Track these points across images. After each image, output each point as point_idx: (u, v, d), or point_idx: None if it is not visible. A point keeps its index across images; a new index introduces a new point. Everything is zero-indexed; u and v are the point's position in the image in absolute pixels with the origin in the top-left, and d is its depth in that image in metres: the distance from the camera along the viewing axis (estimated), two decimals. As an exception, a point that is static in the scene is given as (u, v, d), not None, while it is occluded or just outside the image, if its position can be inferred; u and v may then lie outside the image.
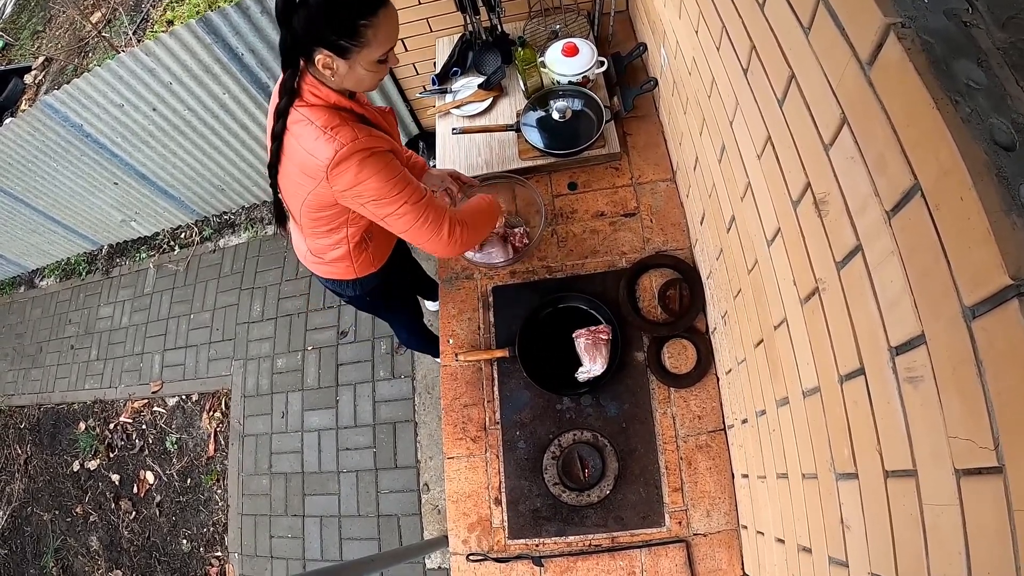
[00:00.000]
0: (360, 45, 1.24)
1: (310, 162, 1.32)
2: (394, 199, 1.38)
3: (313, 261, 1.76)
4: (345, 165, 1.30)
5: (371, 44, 1.25)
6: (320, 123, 1.30)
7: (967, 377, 0.53)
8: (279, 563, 2.96)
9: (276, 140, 1.36)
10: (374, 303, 2.01)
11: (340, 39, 1.22)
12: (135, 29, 5.23)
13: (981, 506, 0.54)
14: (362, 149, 1.30)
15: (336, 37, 1.22)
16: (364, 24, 1.21)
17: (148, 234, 4.23)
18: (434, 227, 1.46)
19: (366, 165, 1.32)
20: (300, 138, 1.32)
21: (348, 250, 1.65)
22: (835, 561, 0.90)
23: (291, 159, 1.37)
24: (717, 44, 1.15)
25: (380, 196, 1.37)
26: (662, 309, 1.74)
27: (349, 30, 1.21)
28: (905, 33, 0.55)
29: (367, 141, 1.31)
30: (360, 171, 1.32)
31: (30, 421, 4.10)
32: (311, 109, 1.31)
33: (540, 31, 2.22)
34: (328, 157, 1.29)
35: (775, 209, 0.98)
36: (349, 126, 1.31)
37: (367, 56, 1.26)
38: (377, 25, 1.23)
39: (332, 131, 1.29)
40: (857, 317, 0.74)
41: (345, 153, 1.29)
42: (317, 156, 1.30)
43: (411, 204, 1.41)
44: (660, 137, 1.99)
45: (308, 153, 1.32)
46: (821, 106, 0.74)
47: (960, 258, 0.53)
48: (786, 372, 1.05)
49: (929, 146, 0.54)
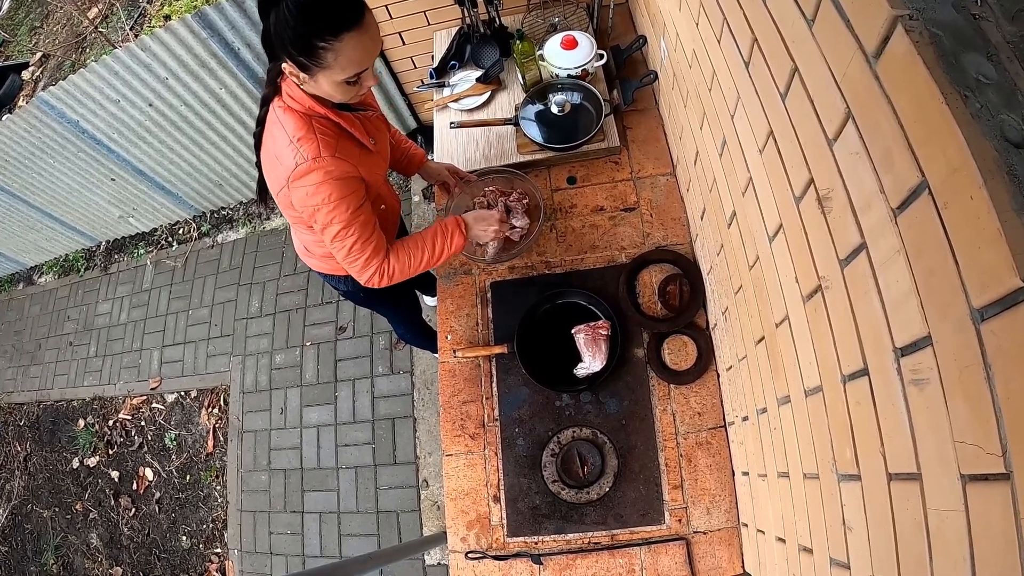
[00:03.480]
0: (319, 67, 1.16)
1: (279, 168, 1.30)
2: (336, 233, 1.37)
3: (305, 254, 1.77)
4: (302, 181, 1.27)
5: (332, 67, 1.17)
6: (289, 130, 1.26)
7: (975, 381, 0.52)
8: (278, 559, 2.95)
9: (259, 124, 1.35)
10: (368, 298, 2.00)
11: (298, 55, 1.15)
12: (132, 24, 5.20)
13: (988, 513, 0.53)
14: (321, 168, 1.26)
15: (294, 52, 1.15)
16: (322, 46, 1.13)
17: (146, 230, 4.21)
18: (360, 270, 1.47)
19: (321, 189, 1.28)
20: (272, 139, 1.30)
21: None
22: (836, 562, 0.89)
23: (266, 152, 1.35)
24: (718, 36, 1.14)
25: (326, 222, 1.35)
26: (662, 305, 1.73)
27: (307, 50, 1.14)
28: (913, 25, 0.54)
29: (329, 162, 1.27)
30: (315, 192, 1.29)
31: (29, 418, 4.09)
32: (284, 112, 1.28)
33: (539, 24, 2.19)
34: (289, 168, 1.26)
35: (777, 205, 0.97)
36: (315, 140, 1.26)
37: (329, 77, 1.19)
38: (339, 50, 1.14)
39: (298, 142, 1.25)
40: (861, 316, 0.73)
41: (304, 169, 1.25)
42: (283, 164, 1.28)
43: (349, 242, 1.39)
44: (660, 131, 1.97)
45: (276, 157, 1.30)
46: (825, 100, 0.73)
47: (969, 258, 0.51)
48: (788, 370, 1.03)
49: (937, 142, 0.52)
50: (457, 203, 1.93)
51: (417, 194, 3.41)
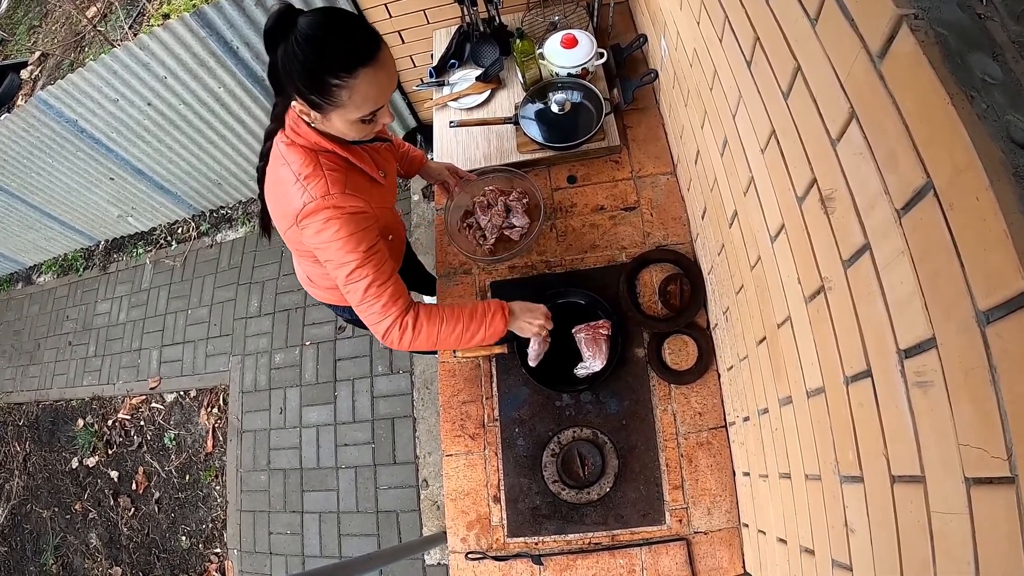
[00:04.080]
0: (332, 105, 1.10)
1: (284, 206, 1.24)
2: (349, 273, 1.26)
3: (308, 284, 1.73)
4: (311, 219, 1.21)
5: (346, 106, 1.10)
6: (295, 168, 1.20)
7: (980, 384, 0.52)
8: (278, 559, 2.95)
9: (263, 159, 1.29)
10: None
11: (309, 93, 1.08)
12: (131, 23, 5.18)
13: (992, 516, 0.52)
14: (331, 207, 1.20)
15: (306, 90, 1.08)
16: (336, 84, 1.06)
17: (145, 229, 4.21)
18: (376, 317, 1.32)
19: (330, 225, 1.21)
20: (277, 177, 1.24)
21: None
22: (838, 564, 0.89)
23: (271, 189, 1.29)
24: (719, 35, 1.13)
25: (338, 262, 1.26)
26: (663, 304, 1.72)
27: (320, 89, 1.07)
28: (918, 25, 0.53)
29: (340, 199, 1.20)
30: (323, 230, 1.22)
31: (28, 418, 4.09)
32: (289, 148, 1.21)
33: (538, 22, 2.19)
34: (297, 209, 1.20)
35: (779, 205, 0.96)
36: (324, 178, 1.19)
37: (343, 116, 1.12)
38: (353, 87, 1.07)
39: (304, 180, 1.19)
40: (864, 318, 0.72)
41: (312, 208, 1.19)
42: (290, 203, 1.22)
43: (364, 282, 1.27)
44: (660, 130, 1.97)
45: (284, 197, 1.23)
46: (828, 100, 0.72)
47: (975, 260, 0.50)
48: (789, 371, 1.03)
49: (943, 143, 0.52)
50: (457, 202, 1.92)
51: (416, 193, 3.40)
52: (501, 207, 1.88)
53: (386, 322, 1.32)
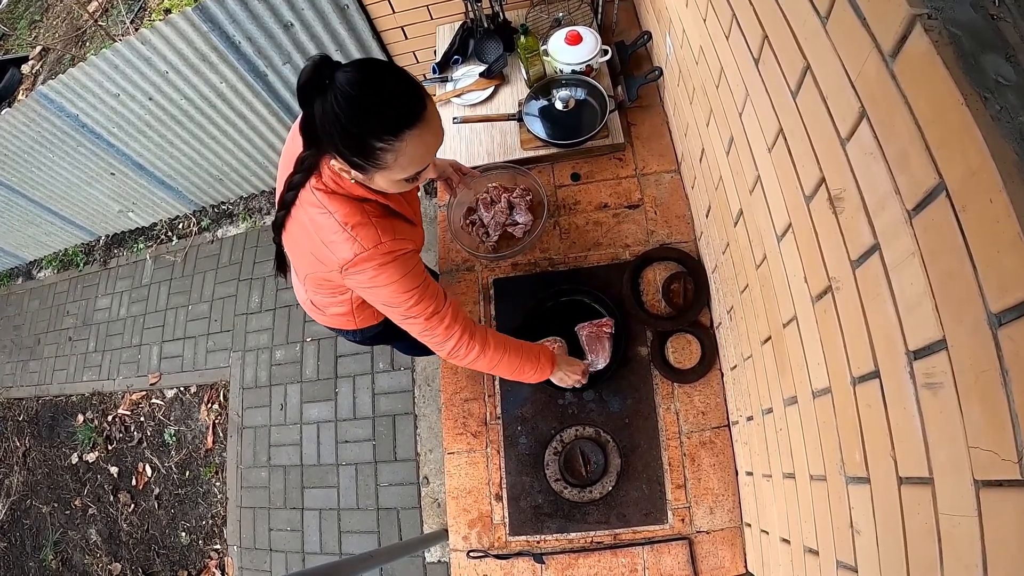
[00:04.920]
0: (376, 167, 1.06)
1: (325, 253, 1.19)
2: (409, 308, 1.26)
3: (314, 311, 1.71)
4: (364, 267, 1.18)
5: (391, 167, 1.06)
6: (339, 217, 1.15)
7: (991, 386, 0.51)
8: (278, 556, 2.96)
9: (284, 208, 1.23)
10: (376, 342, 1.96)
11: (352, 155, 1.04)
12: (132, 18, 5.17)
13: (1002, 520, 0.52)
14: (385, 253, 1.17)
15: (349, 153, 1.03)
16: (381, 147, 1.02)
17: (146, 225, 4.20)
18: (441, 339, 1.34)
19: (385, 270, 1.19)
20: (318, 227, 1.18)
21: (351, 308, 1.59)
22: (843, 565, 0.88)
23: (304, 238, 1.23)
24: (726, 33, 1.12)
25: (394, 302, 1.25)
26: (666, 303, 1.72)
27: (363, 151, 1.02)
28: (932, 25, 0.53)
29: (391, 245, 1.18)
30: (377, 275, 1.19)
31: (28, 413, 4.09)
32: (329, 198, 1.15)
33: (543, 19, 2.18)
34: (346, 259, 1.16)
35: (786, 204, 0.96)
36: (373, 226, 1.16)
37: (387, 176, 1.09)
38: (399, 150, 1.03)
39: (353, 230, 1.14)
40: (873, 318, 0.72)
41: (365, 257, 1.16)
42: (334, 252, 1.17)
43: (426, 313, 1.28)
44: (665, 128, 1.96)
45: (324, 244, 1.18)
46: (838, 99, 0.72)
47: (987, 262, 0.50)
48: (795, 371, 1.03)
49: (956, 144, 0.51)
50: (460, 199, 1.92)
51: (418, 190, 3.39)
52: (504, 204, 1.88)
53: (450, 343, 1.34)
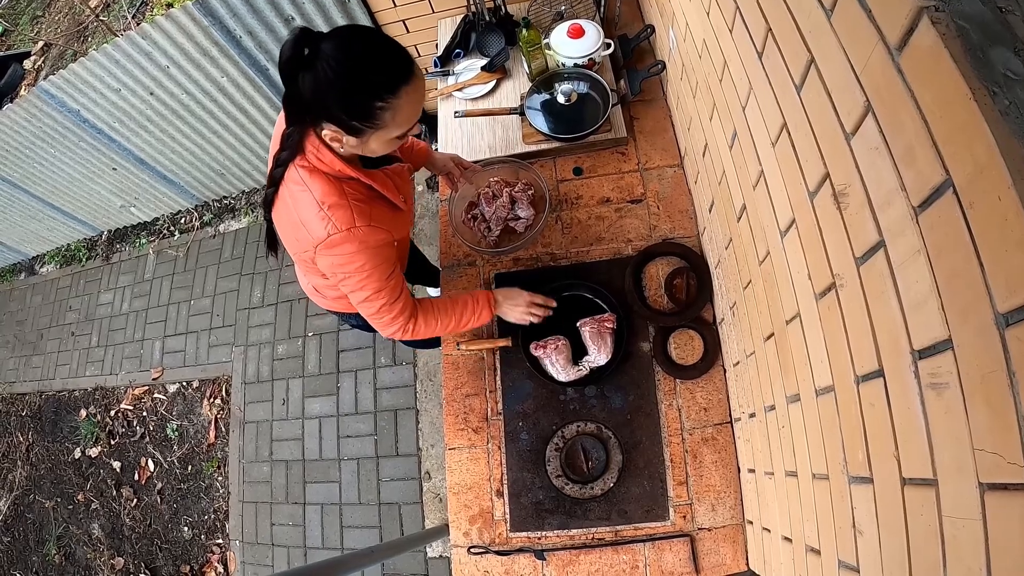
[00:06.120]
0: (375, 127, 1.09)
1: (302, 231, 1.22)
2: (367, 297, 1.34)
3: (314, 294, 1.73)
4: (335, 250, 1.21)
5: (388, 125, 1.10)
6: (317, 195, 1.17)
7: (997, 388, 0.50)
8: (280, 550, 2.96)
9: (273, 184, 1.24)
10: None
11: (350, 119, 1.07)
12: (134, 13, 5.15)
13: (1007, 523, 0.51)
14: (356, 240, 1.20)
15: (346, 117, 1.07)
16: (380, 106, 1.06)
17: (148, 219, 4.20)
18: (384, 325, 1.44)
19: (356, 259, 1.24)
20: (296, 203, 1.21)
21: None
22: (845, 565, 0.88)
23: (285, 214, 1.26)
24: (730, 26, 1.11)
25: (356, 287, 1.31)
26: (669, 298, 1.71)
27: (361, 112, 1.06)
28: (939, 17, 0.51)
29: (366, 232, 1.21)
30: (348, 262, 1.24)
31: (31, 408, 4.10)
32: (311, 175, 1.18)
33: (545, 12, 2.16)
34: (319, 237, 1.19)
35: (790, 199, 0.94)
36: (349, 208, 1.18)
37: (382, 136, 1.12)
38: (397, 107, 1.07)
39: (329, 210, 1.17)
40: (877, 316, 0.71)
41: (337, 239, 1.19)
42: (309, 231, 1.20)
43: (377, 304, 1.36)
44: (668, 122, 1.95)
45: (301, 222, 1.21)
46: (843, 93, 0.70)
47: (995, 261, 0.49)
48: (798, 368, 1.02)
49: (964, 140, 0.50)
50: (461, 193, 1.91)
51: (420, 184, 3.39)
52: (506, 198, 1.87)
53: (393, 327, 1.44)
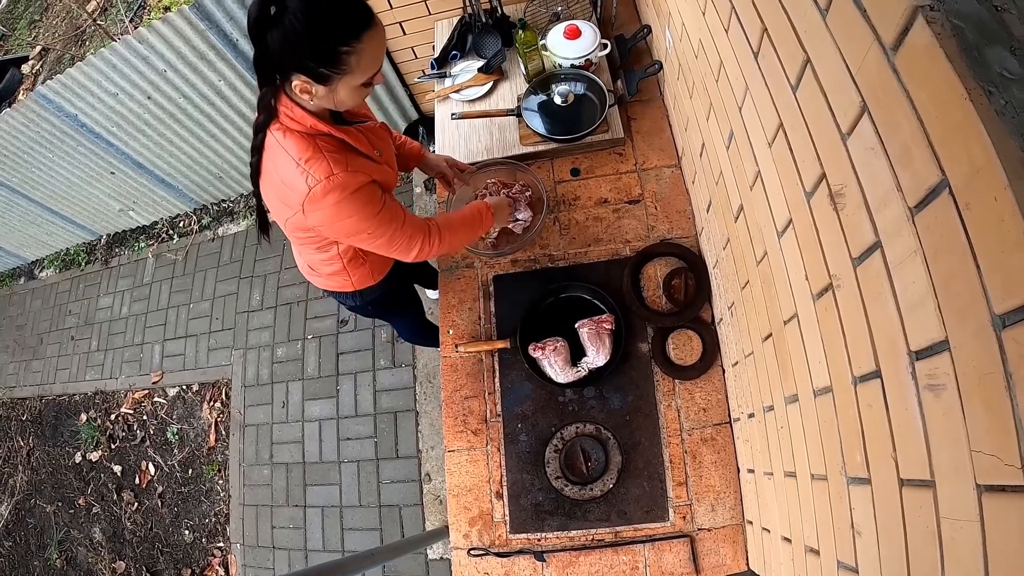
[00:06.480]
0: (341, 72, 1.14)
1: (286, 192, 1.27)
2: (370, 234, 1.36)
3: (311, 273, 1.74)
4: (321, 204, 1.24)
5: (354, 71, 1.15)
6: (293, 153, 1.22)
7: (994, 389, 0.50)
8: (281, 553, 2.96)
9: (255, 153, 1.29)
10: (377, 311, 1.99)
11: (319, 66, 1.13)
12: (132, 16, 5.16)
13: (1004, 525, 0.51)
14: (337, 187, 1.23)
15: (315, 64, 1.12)
16: (346, 51, 1.11)
17: (147, 223, 4.20)
18: (405, 248, 1.46)
19: (343, 207, 1.26)
20: (276, 166, 1.26)
21: (343, 266, 1.62)
22: (844, 566, 0.87)
23: (269, 181, 1.31)
24: (726, 26, 1.11)
25: (355, 232, 1.34)
26: (667, 299, 1.71)
27: (329, 58, 1.12)
28: (934, 17, 0.51)
29: (343, 178, 1.24)
30: (337, 212, 1.27)
31: (32, 413, 4.10)
32: (286, 135, 1.23)
33: (541, 13, 2.16)
34: (302, 192, 1.23)
35: (787, 200, 0.94)
36: (324, 159, 1.22)
37: (349, 82, 1.17)
38: (361, 51, 1.13)
39: (306, 164, 1.22)
40: (874, 317, 0.70)
41: (319, 191, 1.22)
42: (292, 189, 1.24)
43: (387, 236, 1.39)
44: (665, 122, 1.94)
45: (283, 183, 1.26)
46: (839, 93, 0.70)
47: (992, 262, 0.49)
48: (796, 369, 1.01)
49: (960, 140, 0.50)
50: (459, 195, 1.90)
51: (419, 186, 3.38)
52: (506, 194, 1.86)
53: (415, 249, 1.48)
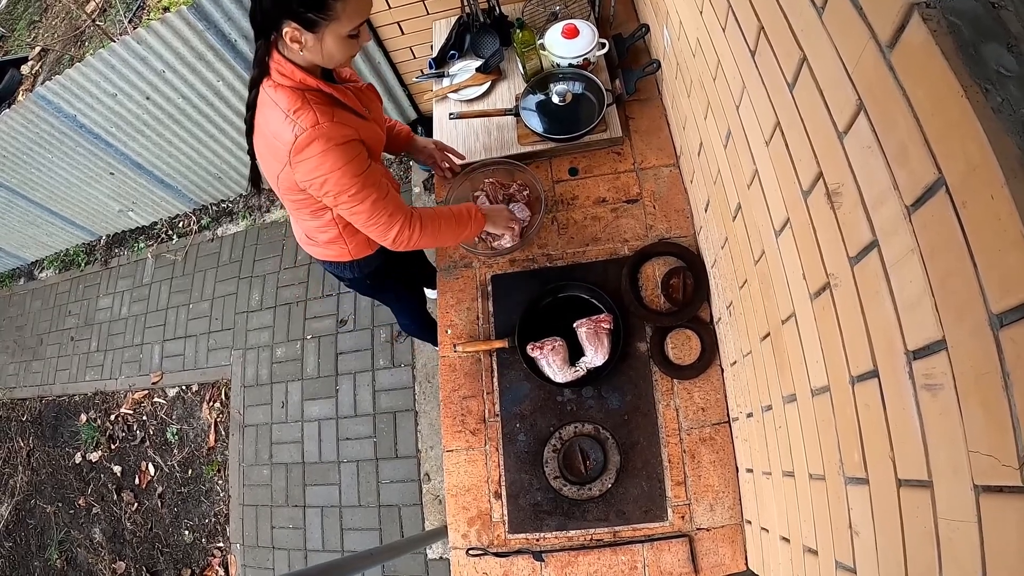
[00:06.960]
0: (328, 19, 1.20)
1: (275, 144, 1.32)
2: (352, 196, 1.37)
3: (308, 243, 1.76)
4: (306, 153, 1.28)
5: (340, 18, 1.21)
6: (283, 105, 1.27)
7: (991, 389, 0.50)
8: (280, 553, 2.96)
9: (249, 109, 1.35)
10: (374, 285, 1.99)
11: (308, 11, 1.19)
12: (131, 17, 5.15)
13: (1002, 526, 0.51)
14: (323, 136, 1.27)
15: (304, 9, 1.18)
16: None
17: (146, 224, 4.19)
18: (386, 225, 1.46)
19: (328, 157, 1.29)
20: (267, 120, 1.31)
21: (339, 232, 1.64)
22: (842, 566, 0.87)
23: (262, 138, 1.37)
24: (723, 24, 1.10)
25: (339, 190, 1.36)
26: (665, 298, 1.70)
27: (317, 2, 1.18)
28: (930, 14, 0.51)
29: (329, 128, 1.28)
30: (321, 163, 1.30)
31: (32, 414, 4.10)
32: (276, 89, 1.29)
33: (539, 12, 2.15)
34: (289, 142, 1.27)
35: (784, 198, 0.94)
36: (311, 109, 1.27)
37: (336, 30, 1.23)
38: None
39: (294, 114, 1.26)
40: (872, 316, 0.70)
41: (304, 140, 1.27)
42: (280, 140, 1.29)
43: (368, 202, 1.40)
44: (663, 121, 1.94)
45: (273, 136, 1.31)
46: (835, 91, 0.69)
47: (989, 261, 0.48)
48: (794, 368, 1.01)
49: (956, 138, 0.49)
50: (458, 195, 1.90)
51: (418, 185, 3.38)
52: (502, 199, 1.86)
53: (395, 229, 1.48)
